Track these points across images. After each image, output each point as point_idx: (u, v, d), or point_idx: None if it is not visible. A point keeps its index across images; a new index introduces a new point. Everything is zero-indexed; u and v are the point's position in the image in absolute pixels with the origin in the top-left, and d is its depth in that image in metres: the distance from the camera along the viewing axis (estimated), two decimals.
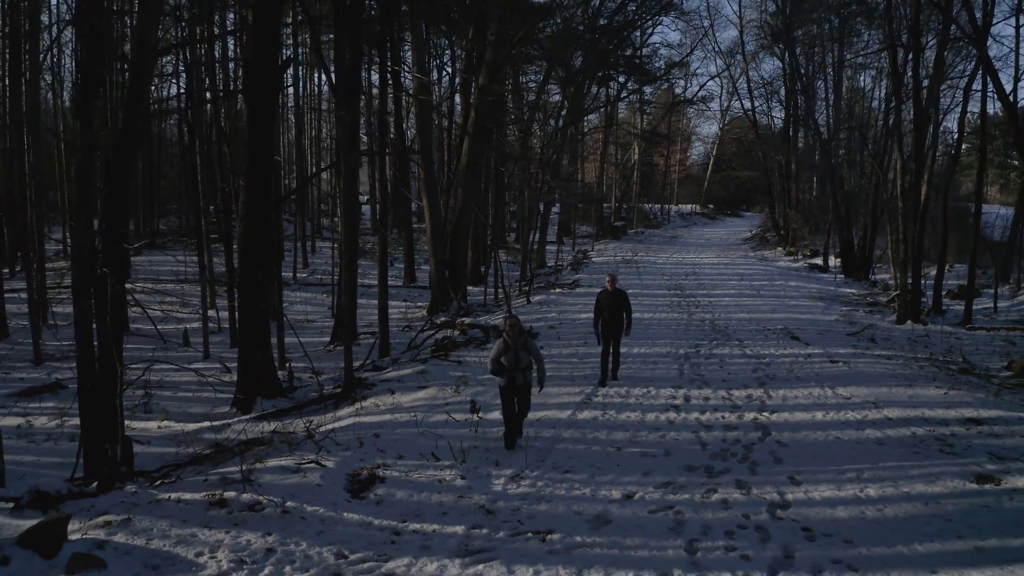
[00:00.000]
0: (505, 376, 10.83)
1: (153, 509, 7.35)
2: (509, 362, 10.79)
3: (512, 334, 10.84)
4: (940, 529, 7.62)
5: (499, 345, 10.98)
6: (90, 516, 7.14)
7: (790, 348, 17.81)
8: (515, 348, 10.82)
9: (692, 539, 7.26)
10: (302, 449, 9.69)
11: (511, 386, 10.82)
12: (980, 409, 12.54)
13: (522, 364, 10.86)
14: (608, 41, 37.76)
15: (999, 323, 23.65)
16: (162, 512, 7.27)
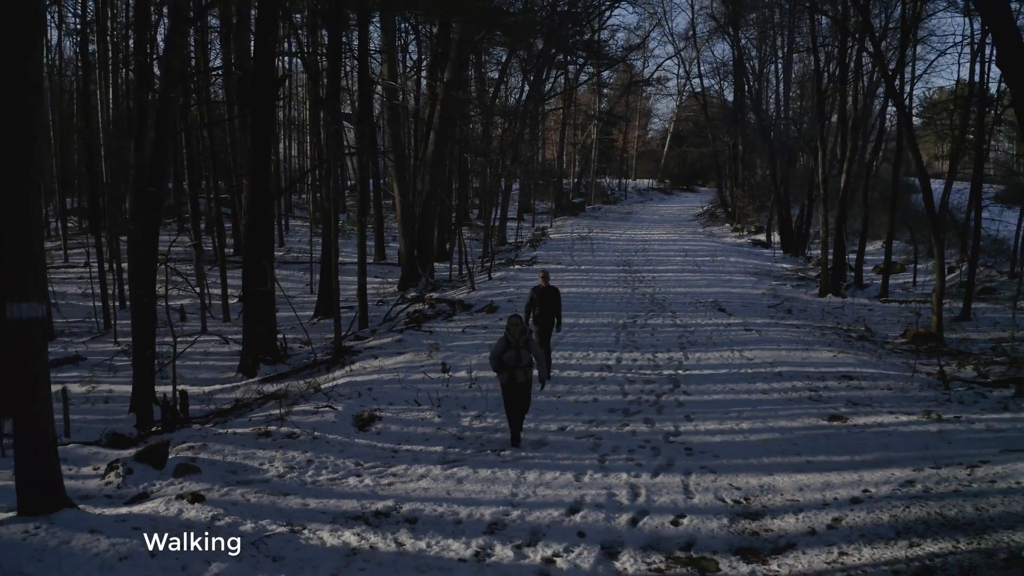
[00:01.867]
0: (507, 374, 11.15)
1: (218, 438, 10.40)
2: (510, 360, 11.10)
3: (514, 332, 11.19)
4: (785, 449, 10.80)
5: (500, 342, 11.29)
6: (174, 445, 10.11)
7: (715, 319, 21.05)
8: (517, 346, 11.15)
9: (604, 454, 10.42)
10: (314, 400, 12.75)
11: (512, 383, 11.14)
12: (857, 367, 15.80)
13: (523, 362, 11.17)
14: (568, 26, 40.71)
15: (913, 296, 27.02)
16: (225, 440, 10.31)
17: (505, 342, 11.18)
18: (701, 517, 8.43)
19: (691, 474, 9.75)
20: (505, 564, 7.19)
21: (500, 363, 11.17)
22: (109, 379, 17.38)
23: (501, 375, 11.22)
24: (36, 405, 6.97)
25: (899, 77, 25.37)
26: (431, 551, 7.37)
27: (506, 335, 11.24)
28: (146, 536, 6.86)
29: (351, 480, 9.29)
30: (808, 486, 9.29)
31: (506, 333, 11.28)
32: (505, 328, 11.42)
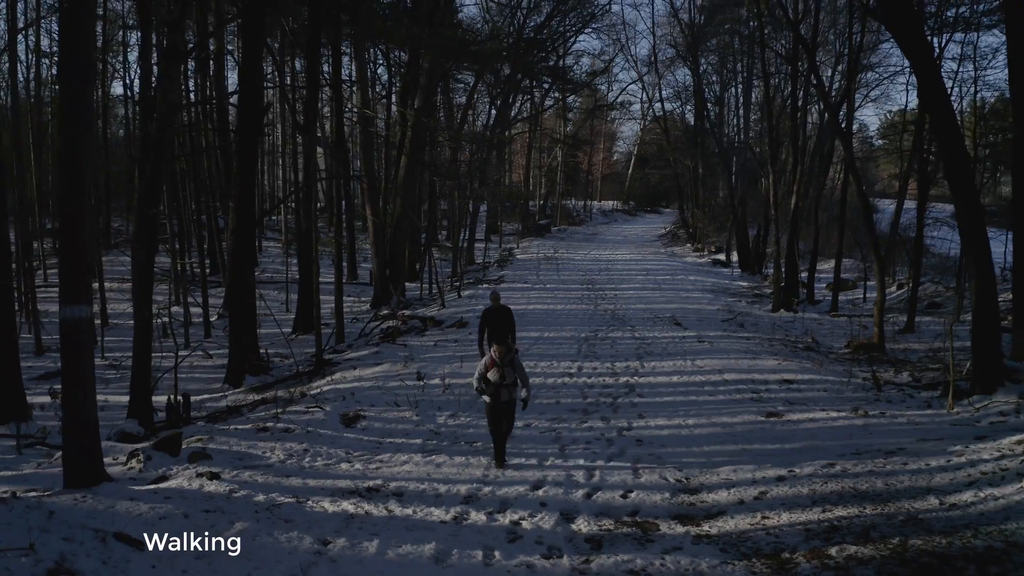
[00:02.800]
0: (491, 391, 11.24)
1: (222, 433, 11.76)
2: (495, 379, 11.18)
3: (500, 352, 11.25)
4: (724, 440, 12.32)
5: (485, 362, 11.38)
6: (184, 438, 11.44)
7: (671, 332, 22.61)
8: (501, 365, 11.21)
9: (564, 445, 11.91)
10: (303, 403, 14.12)
11: (496, 403, 11.22)
12: (798, 374, 17.39)
13: (507, 381, 11.24)
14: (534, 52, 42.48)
15: (862, 311, 28.75)
16: (229, 435, 11.68)
17: (490, 360, 11.27)
18: (646, 492, 9.90)
19: (640, 460, 11.23)
20: (479, 525, 8.61)
21: (484, 382, 11.28)
22: (102, 390, 18.47)
23: (485, 393, 11.32)
24: (83, 391, 8.33)
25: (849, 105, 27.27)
26: (416, 516, 8.78)
27: (492, 355, 11.32)
28: (177, 503, 8.22)
29: (343, 465, 10.70)
30: (741, 468, 10.78)
31: (491, 354, 11.35)
32: (490, 351, 11.53)
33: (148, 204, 14.55)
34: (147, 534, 7.29)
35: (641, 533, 8.58)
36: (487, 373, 11.25)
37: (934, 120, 15.84)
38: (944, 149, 15.74)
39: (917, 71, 16.01)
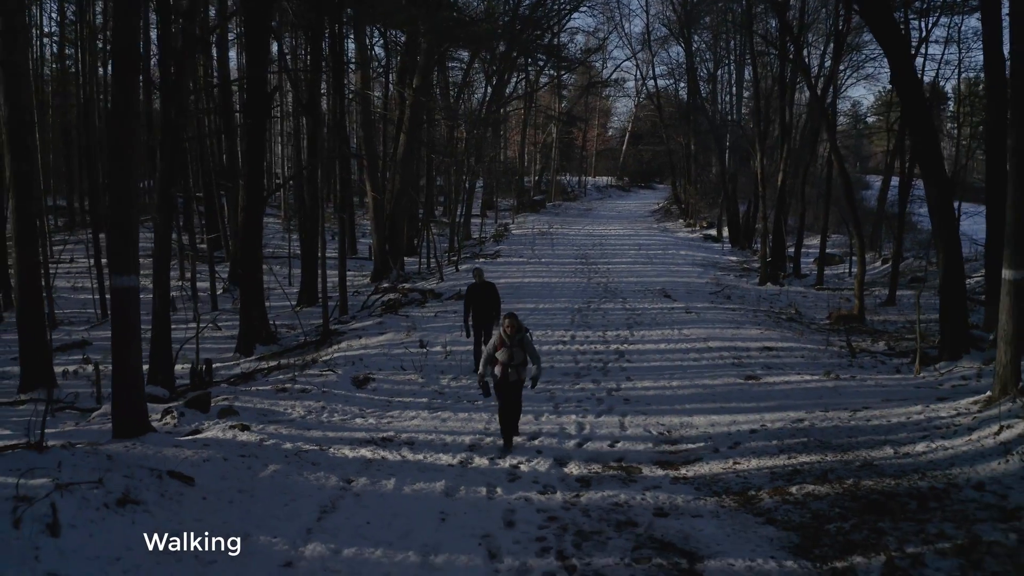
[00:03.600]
0: (499, 372, 11.18)
1: (245, 394, 12.90)
2: (503, 358, 11.16)
3: (510, 331, 11.15)
4: (704, 398, 13.49)
5: (494, 341, 11.32)
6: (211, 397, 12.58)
7: (660, 303, 23.77)
8: (511, 345, 11.15)
9: (558, 403, 13.09)
10: (315, 367, 15.26)
11: (504, 382, 11.17)
12: (779, 342, 18.56)
13: (515, 361, 11.17)
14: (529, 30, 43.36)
15: (847, 284, 29.93)
16: (252, 395, 12.81)
17: (499, 339, 11.26)
18: (631, 443, 11.08)
19: (626, 416, 12.42)
20: (483, 468, 9.76)
21: (492, 361, 11.27)
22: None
23: (493, 371, 11.31)
24: (131, 352, 9.43)
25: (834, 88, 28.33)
26: (427, 460, 9.95)
27: (500, 333, 11.29)
28: (215, 449, 9.36)
29: (358, 420, 11.87)
30: (718, 423, 11.97)
31: (501, 332, 11.29)
32: (500, 327, 11.45)
33: (168, 183, 15.61)
34: (195, 473, 8.44)
35: (625, 475, 9.73)
36: (495, 352, 11.20)
37: (904, 104, 16.96)
38: (914, 131, 16.85)
39: (889, 57, 17.08)
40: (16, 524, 6.34)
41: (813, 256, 35.15)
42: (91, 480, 7.41)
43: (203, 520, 7.48)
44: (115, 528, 6.85)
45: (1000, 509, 8.30)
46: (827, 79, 29.11)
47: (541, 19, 45.93)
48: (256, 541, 7.22)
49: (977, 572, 6.96)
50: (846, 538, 7.84)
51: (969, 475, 9.31)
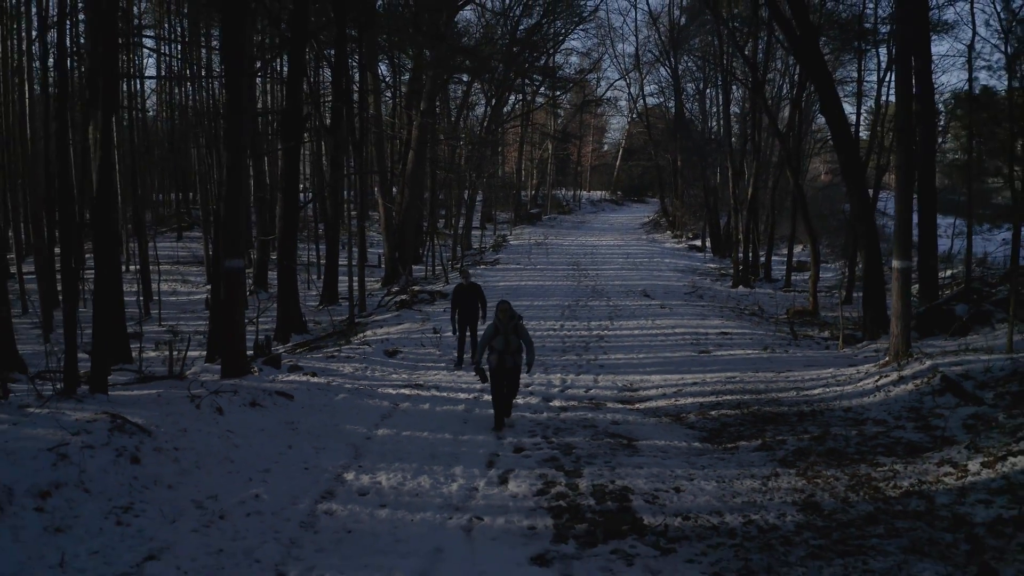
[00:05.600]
0: (495, 358, 11.82)
1: (303, 358, 16.81)
2: (499, 345, 11.75)
3: (503, 318, 11.78)
4: (662, 364, 17.37)
5: (489, 330, 11.96)
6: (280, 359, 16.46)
7: (639, 301, 27.70)
8: (506, 332, 11.77)
9: (547, 367, 16.99)
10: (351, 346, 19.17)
11: (501, 368, 11.83)
12: (736, 329, 22.45)
13: (512, 347, 11.81)
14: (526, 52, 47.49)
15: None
16: (309, 360, 16.71)
17: (494, 328, 11.91)
18: (601, 390, 14.99)
19: (599, 375, 16.34)
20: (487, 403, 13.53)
21: (489, 349, 11.96)
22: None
23: (489, 360, 11.99)
24: (237, 316, 13.34)
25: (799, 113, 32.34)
26: (449, 397, 13.87)
27: (495, 321, 11.94)
28: (298, 385, 13.25)
29: (393, 375, 15.80)
30: (669, 379, 15.83)
31: (495, 319, 11.99)
32: (494, 315, 12.18)
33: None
34: (292, 394, 12.35)
35: (594, 406, 13.62)
36: (492, 341, 11.97)
37: (832, 129, 20.91)
38: (840, 151, 20.82)
39: (819, 92, 21.08)
40: (197, 407, 10.22)
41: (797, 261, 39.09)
42: (229, 392, 11.30)
43: (306, 417, 11.40)
44: (253, 415, 10.78)
45: (854, 420, 12.22)
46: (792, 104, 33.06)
47: (538, 42, 50.12)
48: (343, 427, 11.15)
49: (819, 445, 10.83)
50: (739, 433, 11.78)
51: (843, 404, 13.25)
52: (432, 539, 7.43)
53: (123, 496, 7.34)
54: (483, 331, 12.51)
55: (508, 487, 9.05)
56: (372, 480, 9.03)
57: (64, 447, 7.50)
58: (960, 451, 9.94)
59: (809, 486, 9.10)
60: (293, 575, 6.54)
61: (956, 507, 8.17)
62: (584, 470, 9.70)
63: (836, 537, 7.59)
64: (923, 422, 11.66)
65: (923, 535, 7.55)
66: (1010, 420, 10.62)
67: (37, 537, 6.33)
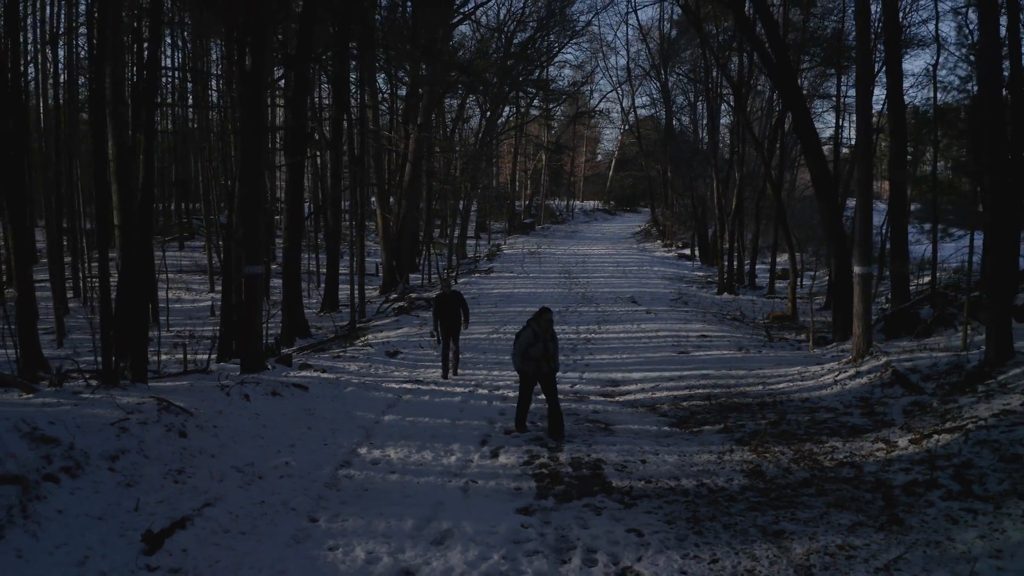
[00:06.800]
0: (532, 365, 11.80)
1: (312, 358, 18.33)
2: (538, 353, 11.73)
3: (544, 326, 11.77)
4: (643, 363, 18.90)
5: (528, 337, 11.76)
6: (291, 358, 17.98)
7: (627, 307, 29.27)
8: (545, 340, 11.73)
9: None
10: (354, 348, 20.69)
11: (539, 375, 11.89)
12: (716, 332, 24.00)
13: (549, 355, 11.86)
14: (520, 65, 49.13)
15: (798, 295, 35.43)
16: (317, 359, 18.23)
17: (533, 335, 11.73)
18: (585, 385, 16.54)
19: (585, 372, 17.89)
20: (482, 393, 15.23)
21: (527, 357, 11.85)
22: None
23: (527, 367, 11.92)
24: (256, 318, 14.87)
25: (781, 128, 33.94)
26: (447, 391, 15.41)
27: (533, 328, 11.76)
28: (310, 379, 14.78)
29: (395, 373, 17.35)
30: (649, 376, 17.37)
31: (533, 326, 11.79)
32: (532, 321, 12.03)
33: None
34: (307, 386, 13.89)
35: (578, 399, 15.17)
36: (530, 349, 11.82)
37: (803, 144, 22.53)
38: (811, 165, 22.40)
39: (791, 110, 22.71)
40: (227, 395, 11.76)
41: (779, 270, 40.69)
42: (252, 383, 12.83)
43: (320, 405, 12.94)
44: (275, 402, 12.32)
45: (809, 408, 13.79)
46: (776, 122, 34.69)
47: (532, 56, 51.81)
48: (354, 414, 12.70)
49: (774, 428, 12.38)
50: (704, 419, 13.34)
51: (802, 396, 14.84)
52: (435, 496, 8.99)
53: (176, 462, 8.85)
54: (520, 338, 12.02)
55: (499, 459, 10.65)
56: (382, 454, 10.61)
57: (124, 422, 9.00)
58: (895, 431, 11.54)
59: (758, 459, 10.66)
60: (323, 519, 8.10)
61: (880, 474, 9.72)
62: (565, 447, 11.30)
63: (773, 496, 9.14)
64: (869, 409, 13.24)
65: (847, 494, 9.09)
66: (943, 406, 12.20)
67: (112, 489, 7.83)
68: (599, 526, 8.16)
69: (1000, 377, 12.72)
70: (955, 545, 7.51)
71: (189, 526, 7.43)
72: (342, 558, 7.21)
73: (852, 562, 7.25)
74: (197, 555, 6.99)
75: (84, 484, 7.66)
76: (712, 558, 7.38)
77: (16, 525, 6.68)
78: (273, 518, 8.04)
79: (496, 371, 17.87)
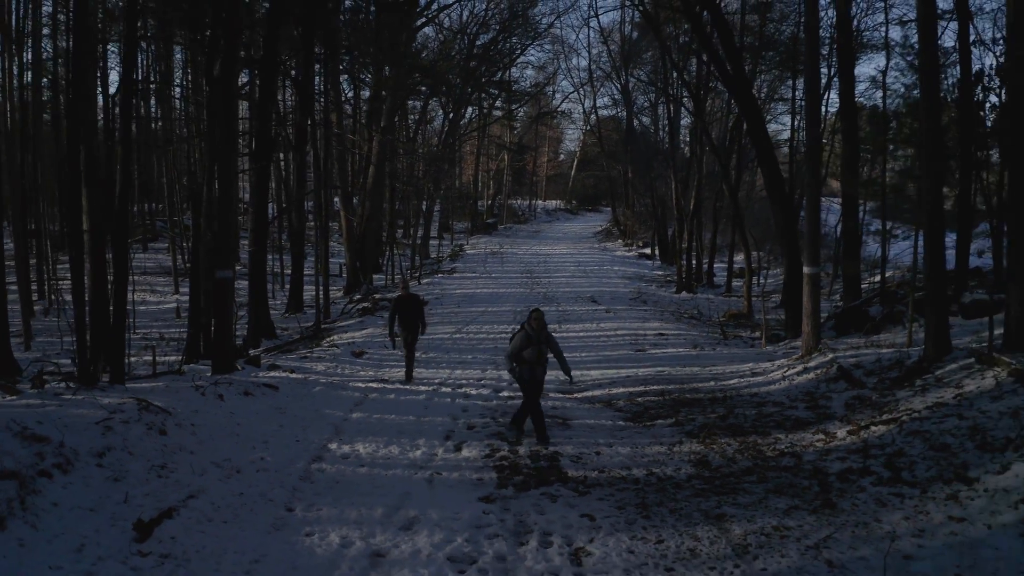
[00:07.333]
0: (527, 369, 11.71)
1: (280, 358, 18.90)
2: (531, 356, 11.62)
3: (536, 327, 11.62)
4: (601, 361, 19.67)
5: (521, 339, 11.64)
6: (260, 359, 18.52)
7: (587, 307, 30.05)
8: (538, 342, 11.61)
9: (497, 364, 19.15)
10: (321, 348, 21.26)
11: (534, 380, 11.82)
12: (672, 331, 24.85)
13: (542, 358, 11.79)
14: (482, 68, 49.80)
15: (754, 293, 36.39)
16: (285, 360, 18.80)
17: (526, 337, 11.64)
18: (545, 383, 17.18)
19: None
20: (447, 392, 15.86)
21: (519, 360, 11.76)
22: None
23: (521, 371, 11.86)
24: (227, 320, 15.44)
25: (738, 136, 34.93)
26: (412, 389, 16.05)
27: (526, 330, 11.65)
28: (279, 379, 15.37)
29: (361, 372, 17.97)
30: (606, 373, 18.13)
31: (526, 328, 11.67)
32: (524, 323, 11.99)
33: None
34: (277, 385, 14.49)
35: None
36: (523, 352, 11.72)
37: (756, 150, 23.40)
38: (764, 168, 23.27)
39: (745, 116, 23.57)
40: (202, 394, 12.35)
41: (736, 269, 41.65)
42: (225, 383, 13.41)
43: (291, 404, 13.55)
44: (248, 401, 12.91)
45: (757, 403, 14.58)
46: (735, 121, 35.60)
47: (494, 57, 52.52)
48: (323, 412, 13.32)
49: (722, 422, 13.15)
50: (658, 414, 14.09)
51: (752, 391, 15.64)
52: (402, 487, 9.66)
53: (158, 458, 9.42)
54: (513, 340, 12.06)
55: (462, 453, 11.35)
56: (352, 449, 11.25)
57: (108, 421, 9.56)
58: (835, 423, 12.36)
59: (705, 450, 11.43)
60: (299, 509, 8.74)
61: (818, 462, 10.50)
62: (524, 440, 12.03)
63: (717, 483, 9.89)
64: (813, 403, 14.05)
65: (786, 481, 9.86)
66: (881, 399, 13.05)
67: (101, 483, 8.40)
68: (555, 512, 8.87)
69: (937, 372, 13.56)
70: (881, 525, 8.26)
71: (176, 516, 8.04)
72: (318, 543, 7.87)
73: (785, 541, 7.99)
74: (185, 542, 7.61)
75: (75, 479, 8.23)
76: (658, 539, 8.10)
77: (16, 517, 7.26)
78: (252, 508, 8.66)
79: (459, 370, 18.57)
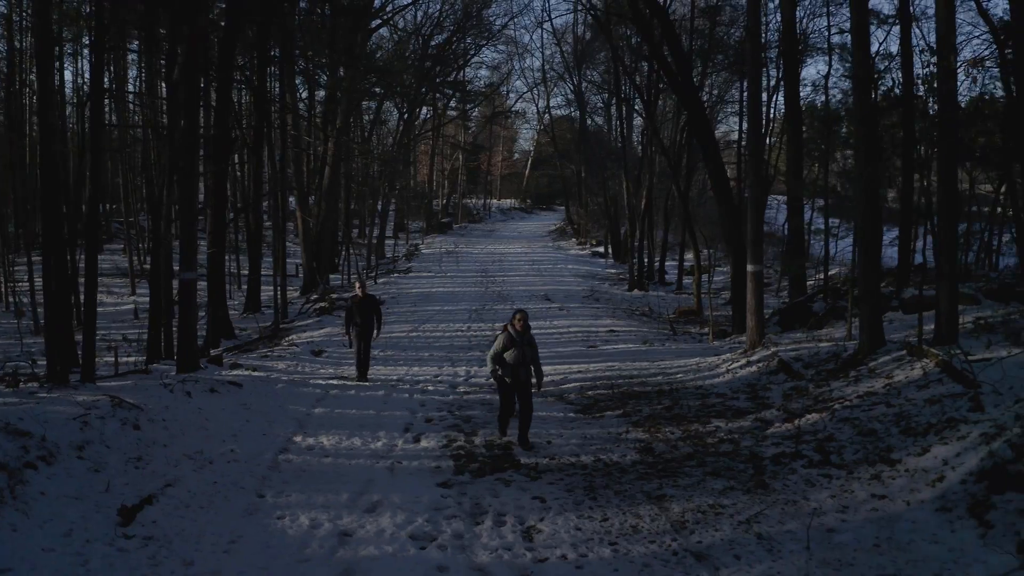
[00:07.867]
0: (509, 370, 11.52)
1: (241, 358, 19.46)
2: (514, 359, 11.42)
3: (520, 330, 11.45)
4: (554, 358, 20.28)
5: (503, 340, 11.47)
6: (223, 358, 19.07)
7: (541, 304, 30.81)
8: (521, 344, 11.41)
9: (454, 361, 19.89)
10: (280, 347, 21.83)
11: (515, 382, 11.61)
12: (623, 327, 25.67)
13: (526, 360, 11.50)
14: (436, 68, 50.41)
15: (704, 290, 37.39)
16: (247, 359, 19.36)
17: (508, 339, 11.48)
18: None
19: None
20: (405, 388, 16.51)
21: (501, 362, 11.62)
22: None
23: (503, 373, 11.67)
24: (190, 320, 15.99)
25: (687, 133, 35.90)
26: (371, 385, 16.70)
27: (509, 331, 11.50)
28: (243, 378, 15.94)
29: (321, 370, 18.57)
30: (559, 369, 18.84)
31: (509, 329, 11.52)
32: (507, 324, 11.82)
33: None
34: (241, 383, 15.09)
35: (493, 391, 16.45)
36: (504, 353, 11.53)
37: (702, 149, 24.31)
38: (712, 175, 24.19)
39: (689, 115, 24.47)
40: (171, 392, 12.92)
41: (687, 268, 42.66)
42: (192, 381, 14.00)
43: (256, 400, 14.16)
44: (214, 398, 13.50)
45: (701, 394, 15.46)
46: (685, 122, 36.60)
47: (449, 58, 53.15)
48: (287, 407, 13.96)
49: (668, 412, 13.97)
50: (607, 406, 14.88)
51: (697, 384, 16.52)
52: (365, 475, 10.39)
53: (134, 451, 10.02)
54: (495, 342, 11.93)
55: (421, 443, 12.10)
56: (316, 441, 11.96)
57: (84, 417, 10.14)
58: (772, 412, 13.24)
59: (650, 438, 12.25)
60: (270, 495, 9.44)
61: (754, 448, 11.36)
62: (479, 431, 12.82)
63: (660, 468, 10.70)
64: (754, 394, 14.95)
65: (723, 465, 10.69)
66: (817, 389, 13.99)
67: (84, 474, 9.01)
68: (508, 495, 9.63)
69: (871, 364, 14.50)
70: (809, 503, 9.11)
71: (155, 502, 8.70)
72: (289, 524, 8.57)
73: (720, 517, 8.81)
74: (165, 525, 8.26)
75: (59, 470, 8.82)
76: (603, 517, 8.88)
77: (7, 505, 7.85)
78: (226, 495, 9.33)
79: (416, 367, 19.25)
